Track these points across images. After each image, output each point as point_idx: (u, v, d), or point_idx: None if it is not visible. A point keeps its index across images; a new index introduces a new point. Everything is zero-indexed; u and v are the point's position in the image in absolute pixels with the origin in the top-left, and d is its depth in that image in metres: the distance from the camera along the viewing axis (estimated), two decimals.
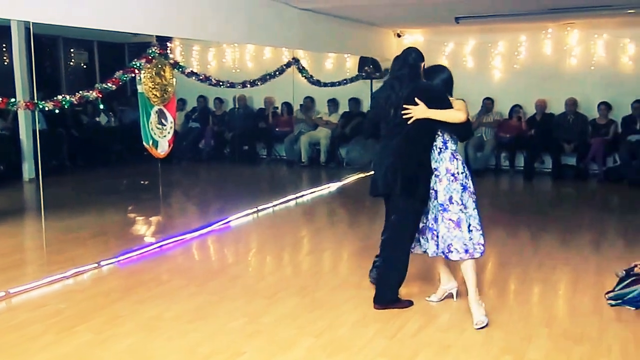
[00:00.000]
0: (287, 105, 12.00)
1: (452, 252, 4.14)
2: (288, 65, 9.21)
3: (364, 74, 11.06)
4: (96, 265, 5.31)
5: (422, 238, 4.32)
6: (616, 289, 4.48)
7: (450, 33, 11.10)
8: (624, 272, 4.54)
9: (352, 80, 10.81)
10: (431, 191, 4.23)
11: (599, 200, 8.86)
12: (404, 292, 4.44)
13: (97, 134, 11.41)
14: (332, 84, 10.42)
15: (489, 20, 9.64)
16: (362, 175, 10.30)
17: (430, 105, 4.09)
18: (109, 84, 6.06)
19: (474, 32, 10.93)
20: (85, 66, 13.01)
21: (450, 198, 4.15)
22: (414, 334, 3.91)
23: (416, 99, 4.09)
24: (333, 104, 11.69)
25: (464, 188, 4.19)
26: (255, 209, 7.56)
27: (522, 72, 10.71)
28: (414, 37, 11.61)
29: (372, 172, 4.52)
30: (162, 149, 6.82)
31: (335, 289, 4.81)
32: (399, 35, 11.62)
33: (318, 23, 8.99)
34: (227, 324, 4.09)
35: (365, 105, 11.56)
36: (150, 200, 7.91)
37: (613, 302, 4.40)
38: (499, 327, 4.02)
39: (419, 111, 4.08)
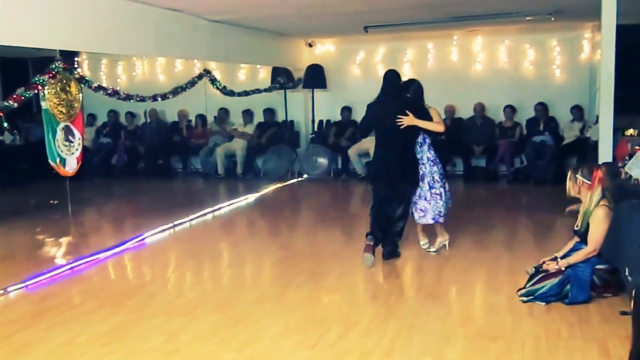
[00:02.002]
0: (201, 117, 11.86)
1: (442, 216, 5.79)
2: (200, 77, 9.10)
3: (277, 84, 11.08)
4: (2, 291, 5.03)
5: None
6: (527, 286, 4.64)
7: (360, 42, 11.29)
8: (534, 269, 4.72)
9: (265, 90, 10.81)
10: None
11: (509, 200, 9.20)
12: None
13: (1, 152, 10.85)
14: (246, 93, 10.39)
15: (396, 29, 9.86)
16: (279, 185, 10.29)
17: (416, 115, 5.50)
18: (10, 101, 5.81)
19: (383, 41, 11.16)
20: None
21: (433, 178, 5.72)
22: (334, 342, 3.92)
23: (407, 111, 5.47)
24: (248, 114, 11.63)
25: (441, 169, 5.81)
26: (171, 224, 7.39)
27: (431, 78, 10.97)
28: (325, 47, 11.74)
29: (373, 165, 6.07)
30: (70, 166, 6.57)
31: (255, 301, 4.75)
32: (310, 45, 11.72)
33: (228, 34, 8.93)
34: (144, 344, 3.96)
35: (280, 115, 11.59)
36: (59, 220, 7.59)
37: (525, 299, 4.57)
38: (418, 330, 4.10)
39: (408, 120, 5.45)
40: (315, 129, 11.46)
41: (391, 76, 5.73)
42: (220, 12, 7.92)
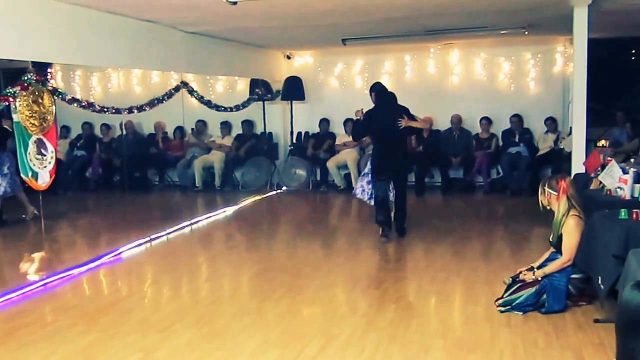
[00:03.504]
0: (179, 130, 11.77)
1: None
2: (177, 89, 9.04)
3: (255, 96, 11.06)
4: None
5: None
6: (504, 296, 4.67)
7: (338, 54, 11.32)
8: (511, 279, 4.74)
9: (244, 105, 10.79)
10: None
11: (485, 210, 9.25)
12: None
13: None
14: (225, 109, 10.37)
15: (374, 42, 9.91)
16: (258, 197, 10.24)
17: (408, 118, 6.79)
18: None
19: (362, 53, 11.21)
20: None
21: None
22: (314, 356, 3.88)
23: (404, 115, 6.78)
24: (226, 126, 11.58)
25: None
26: (148, 238, 7.30)
27: (408, 90, 11.03)
28: (303, 59, 11.76)
29: (376, 161, 6.94)
30: (43, 180, 6.44)
31: (233, 316, 4.70)
32: (288, 57, 11.72)
33: (205, 46, 8.89)
34: None
35: (259, 127, 11.56)
36: (32, 236, 7.46)
37: (502, 309, 4.59)
38: (397, 342, 4.08)
39: (405, 122, 6.71)
40: (294, 141, 11.45)
41: (381, 88, 7.04)
42: (196, 24, 7.88)
